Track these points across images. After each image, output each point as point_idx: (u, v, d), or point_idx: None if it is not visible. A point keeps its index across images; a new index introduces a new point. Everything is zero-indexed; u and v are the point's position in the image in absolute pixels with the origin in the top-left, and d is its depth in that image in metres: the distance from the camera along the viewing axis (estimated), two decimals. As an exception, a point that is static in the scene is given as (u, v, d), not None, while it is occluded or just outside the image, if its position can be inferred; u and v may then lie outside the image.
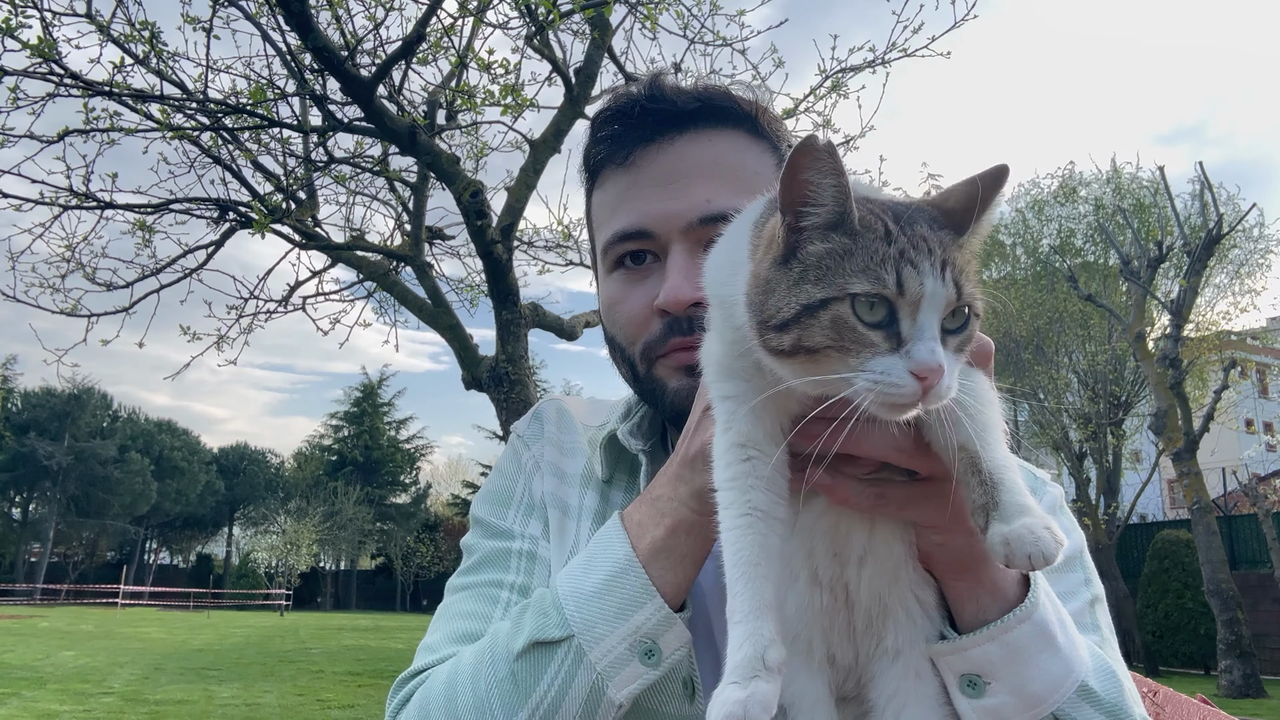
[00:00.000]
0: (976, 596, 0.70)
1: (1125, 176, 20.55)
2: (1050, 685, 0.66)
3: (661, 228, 0.93)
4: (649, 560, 0.77)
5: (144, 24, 5.14)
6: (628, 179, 0.96)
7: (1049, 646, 0.67)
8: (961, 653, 0.68)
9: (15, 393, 50.49)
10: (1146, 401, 16.74)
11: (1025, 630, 0.67)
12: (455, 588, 0.99)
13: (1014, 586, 0.71)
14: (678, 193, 0.92)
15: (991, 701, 0.66)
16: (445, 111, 5.93)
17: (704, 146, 0.94)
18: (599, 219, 1.01)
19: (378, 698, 11.13)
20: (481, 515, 1.04)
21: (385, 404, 57.77)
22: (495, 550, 0.99)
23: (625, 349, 0.98)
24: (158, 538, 59.83)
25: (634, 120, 0.96)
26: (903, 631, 0.72)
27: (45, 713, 9.22)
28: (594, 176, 1.02)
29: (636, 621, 0.75)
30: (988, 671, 0.67)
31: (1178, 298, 13.89)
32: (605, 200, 0.99)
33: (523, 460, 1.06)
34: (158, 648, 18.38)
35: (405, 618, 41.37)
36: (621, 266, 0.97)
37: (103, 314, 6.07)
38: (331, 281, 9.59)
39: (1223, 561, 12.93)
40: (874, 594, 0.72)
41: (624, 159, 0.96)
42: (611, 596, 0.76)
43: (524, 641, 0.77)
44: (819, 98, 6.10)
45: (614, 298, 0.98)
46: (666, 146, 0.94)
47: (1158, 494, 31.39)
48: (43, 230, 5.88)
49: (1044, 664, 0.67)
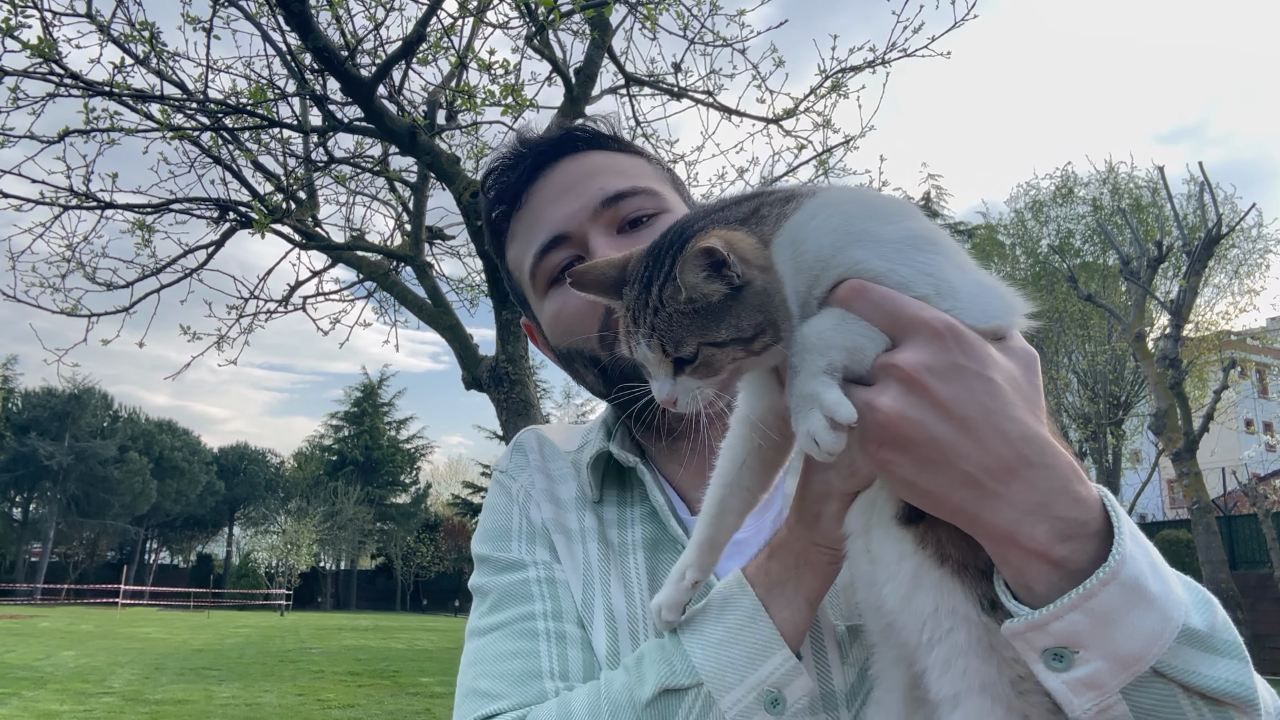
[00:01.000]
0: (1030, 566, 0.61)
1: (1122, 177, 20.58)
2: (1147, 641, 0.59)
3: (573, 224, 1.00)
4: (769, 599, 0.77)
5: (144, 24, 5.14)
6: (527, 214, 1.05)
7: (1141, 601, 0.59)
8: (1041, 628, 0.60)
9: (16, 393, 50.54)
10: (1146, 401, 16.75)
11: (1113, 591, 0.59)
12: (482, 630, 0.96)
13: (1084, 542, 0.61)
14: (574, 195, 1.02)
15: (1083, 671, 0.60)
16: (445, 111, 5.93)
17: (580, 162, 1.05)
18: (517, 262, 1.08)
19: (378, 697, 11.14)
20: (485, 553, 1.03)
21: (385, 404, 57.83)
22: (512, 584, 0.98)
23: (584, 349, 1.01)
24: (158, 538, 59.85)
25: (513, 166, 1.06)
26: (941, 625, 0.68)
27: (46, 712, 9.23)
28: (501, 238, 1.10)
29: (765, 672, 0.75)
30: (1075, 642, 0.60)
31: (1177, 298, 13.91)
32: (517, 243, 1.07)
33: (513, 492, 1.07)
34: (158, 648, 18.39)
35: (405, 617, 41.39)
36: (555, 282, 1.02)
37: (103, 314, 6.08)
38: (331, 281, 9.61)
39: (1222, 561, 12.95)
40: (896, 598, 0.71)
41: (518, 203, 1.05)
42: (739, 645, 0.76)
43: (652, 689, 0.76)
44: (819, 98, 6.11)
45: (559, 306, 1.02)
46: (549, 175, 1.05)
47: (1157, 494, 31.41)
48: (43, 230, 5.89)
49: (1137, 621, 0.59)
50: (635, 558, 0.97)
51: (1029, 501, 0.60)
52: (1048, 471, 0.61)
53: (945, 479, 0.62)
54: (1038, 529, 0.60)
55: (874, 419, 0.63)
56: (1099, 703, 0.60)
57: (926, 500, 0.64)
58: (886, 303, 0.65)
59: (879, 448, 0.64)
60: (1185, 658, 0.60)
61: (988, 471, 0.61)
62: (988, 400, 0.61)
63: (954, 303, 0.66)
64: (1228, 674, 0.61)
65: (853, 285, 0.66)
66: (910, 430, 0.62)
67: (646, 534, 0.98)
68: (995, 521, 0.61)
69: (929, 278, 0.67)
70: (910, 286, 0.67)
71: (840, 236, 0.70)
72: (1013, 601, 0.63)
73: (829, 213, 0.72)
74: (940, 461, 0.61)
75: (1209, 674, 0.60)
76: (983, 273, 0.72)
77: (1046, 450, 0.62)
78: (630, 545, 0.99)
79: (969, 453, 0.61)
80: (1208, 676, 0.60)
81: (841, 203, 0.73)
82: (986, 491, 0.61)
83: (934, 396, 0.61)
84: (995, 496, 0.61)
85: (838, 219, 0.71)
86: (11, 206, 5.60)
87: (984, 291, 0.69)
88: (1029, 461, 0.61)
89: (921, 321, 0.63)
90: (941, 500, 0.63)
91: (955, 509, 0.63)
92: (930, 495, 0.63)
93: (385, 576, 55.57)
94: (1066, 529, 0.61)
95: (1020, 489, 0.60)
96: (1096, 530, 0.62)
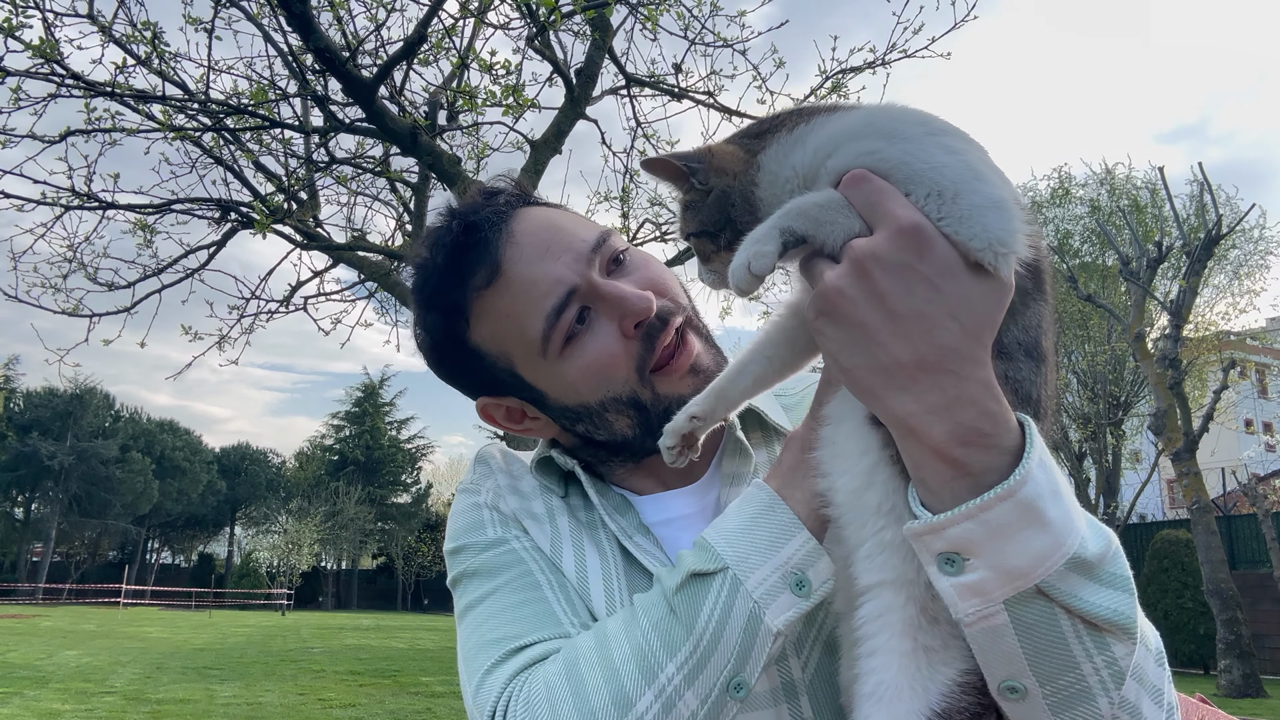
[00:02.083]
0: (927, 461, 0.66)
1: (1120, 178, 20.58)
2: (1034, 560, 0.63)
3: (578, 276, 0.95)
4: (784, 487, 0.81)
5: (146, 25, 5.15)
6: (510, 284, 0.96)
7: (1035, 522, 0.63)
8: (938, 532, 0.64)
9: (18, 393, 50.58)
10: (1146, 402, 16.75)
11: (1008, 507, 0.63)
12: (477, 600, 0.94)
13: (984, 453, 0.64)
14: (558, 250, 0.96)
15: (971, 578, 0.64)
16: (446, 112, 5.94)
17: (531, 217, 1.00)
18: (505, 334, 0.98)
19: (379, 697, 11.15)
20: (461, 543, 1.00)
21: (386, 404, 57.81)
22: (498, 554, 0.97)
23: (622, 394, 0.97)
24: (159, 537, 59.87)
25: (468, 240, 0.97)
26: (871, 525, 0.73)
27: (47, 712, 9.24)
28: (462, 314, 0.99)
29: (787, 553, 0.77)
30: (966, 549, 0.64)
31: (1177, 298, 13.90)
32: (499, 318, 0.98)
33: (481, 495, 1.06)
34: (159, 647, 18.40)
35: (406, 617, 41.41)
36: (570, 341, 0.96)
37: (104, 314, 6.09)
38: (333, 281, 9.63)
39: (1222, 561, 12.93)
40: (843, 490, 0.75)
41: (490, 274, 0.96)
42: (760, 531, 0.79)
43: (681, 576, 0.78)
44: (819, 98, 6.11)
45: (586, 363, 0.96)
46: (513, 232, 0.98)
47: (1157, 494, 31.40)
48: (45, 230, 5.90)
49: (1028, 539, 0.63)
50: (605, 532, 0.99)
51: (933, 402, 0.65)
52: (960, 380, 0.65)
53: (863, 361, 0.67)
54: (937, 428, 0.65)
55: (818, 289, 0.69)
56: (981, 610, 0.64)
57: (846, 377, 0.70)
58: (873, 194, 0.68)
59: (816, 315, 0.70)
60: (1070, 582, 0.64)
61: (899, 366, 0.65)
62: (924, 305, 0.65)
63: (952, 209, 0.67)
64: (1109, 602, 0.64)
65: (855, 174, 0.69)
66: (843, 307, 0.67)
67: (614, 525, 0.99)
68: (897, 410, 0.66)
69: (937, 178, 0.68)
70: (915, 181, 0.68)
71: (864, 128, 0.72)
72: (917, 505, 0.67)
73: (861, 112, 0.75)
74: (862, 343, 0.67)
75: (1091, 600, 0.64)
76: (1003, 189, 0.69)
77: (966, 363, 0.65)
78: (598, 521, 1.00)
79: (888, 344, 0.66)
80: (1089, 602, 0.64)
81: (882, 109, 0.75)
82: (895, 383, 0.66)
83: (874, 284, 0.66)
84: (902, 390, 0.66)
85: (868, 116, 0.74)
86: (13, 207, 5.62)
87: (990, 210, 0.67)
88: (944, 369, 0.65)
89: (892, 217, 0.66)
90: (857, 380, 0.69)
91: (866, 390, 0.68)
92: (848, 373, 0.69)
93: (386, 576, 55.58)
94: (966, 435, 0.64)
95: (927, 388, 0.65)
96: (1004, 447, 0.65)
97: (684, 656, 0.75)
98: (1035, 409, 0.73)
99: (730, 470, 1.01)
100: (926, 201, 0.67)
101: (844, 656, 0.81)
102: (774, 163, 0.77)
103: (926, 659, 0.70)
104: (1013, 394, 0.70)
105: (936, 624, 0.70)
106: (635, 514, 1.00)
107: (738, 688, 0.75)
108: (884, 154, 0.69)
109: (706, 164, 0.80)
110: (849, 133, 0.72)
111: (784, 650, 0.85)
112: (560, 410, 1.01)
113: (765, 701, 0.86)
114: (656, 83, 6.16)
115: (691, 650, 0.75)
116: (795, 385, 1.15)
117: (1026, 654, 0.64)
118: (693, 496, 1.02)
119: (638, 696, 0.75)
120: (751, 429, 1.07)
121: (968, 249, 0.66)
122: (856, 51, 6.01)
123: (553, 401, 1.01)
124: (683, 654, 0.75)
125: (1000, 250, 0.66)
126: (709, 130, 6.43)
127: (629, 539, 0.96)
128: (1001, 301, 0.67)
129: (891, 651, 0.71)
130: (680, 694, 0.74)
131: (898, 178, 0.68)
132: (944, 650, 0.70)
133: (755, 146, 0.78)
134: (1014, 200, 0.69)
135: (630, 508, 1.01)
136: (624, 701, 0.75)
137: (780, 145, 0.77)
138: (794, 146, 0.76)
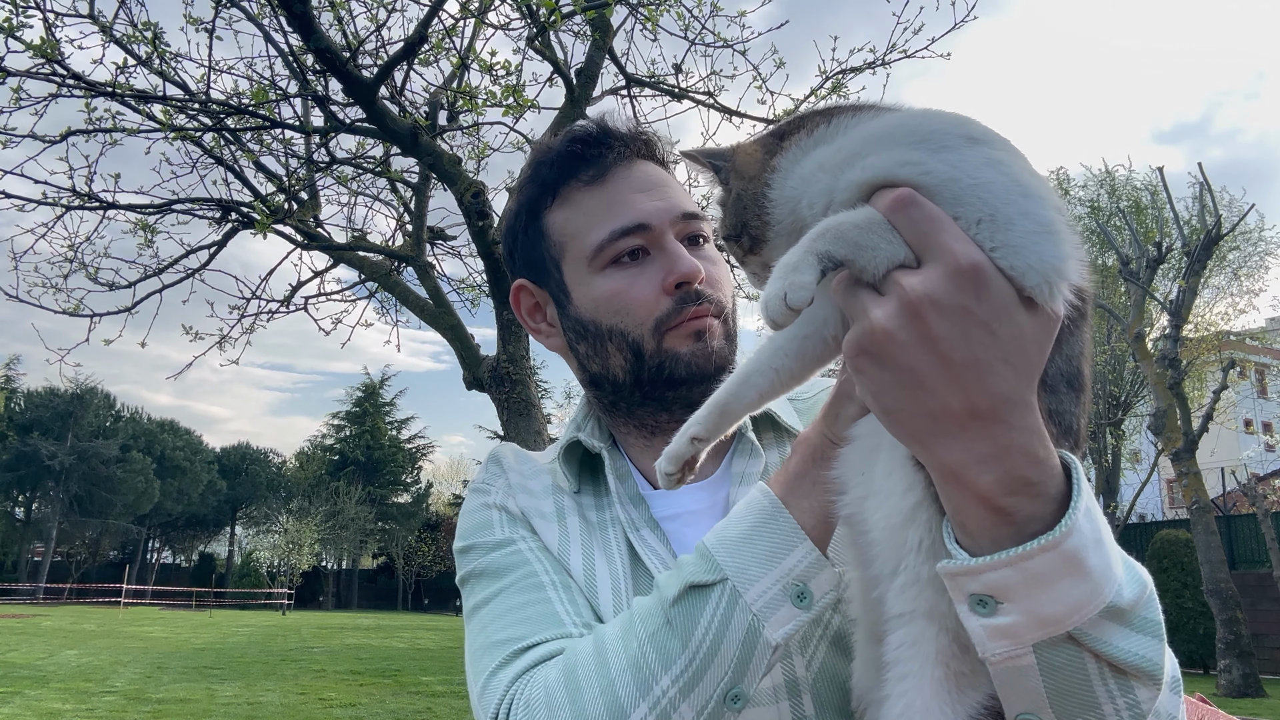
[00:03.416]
0: (970, 508, 0.63)
1: (1119, 179, 20.57)
2: (1070, 609, 0.61)
3: (656, 220, 1.02)
4: (788, 495, 0.79)
5: (146, 25, 5.16)
6: (607, 193, 1.05)
7: (1075, 572, 0.61)
8: (974, 575, 0.62)
9: (18, 392, 50.62)
10: (1146, 401, 16.76)
11: (1051, 558, 0.60)
12: (484, 601, 0.95)
13: (1031, 500, 0.62)
14: (658, 196, 1.05)
15: (1003, 621, 0.62)
16: (447, 112, 5.95)
17: (656, 170, 1.09)
18: (574, 228, 1.06)
19: (379, 696, 11.15)
20: (470, 543, 1.03)
21: (387, 404, 57.86)
22: (504, 555, 0.98)
23: (630, 333, 1.02)
24: (160, 537, 59.88)
25: (603, 144, 1.06)
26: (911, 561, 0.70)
27: (48, 711, 9.25)
28: (553, 193, 1.08)
29: (788, 564, 0.76)
30: (1001, 594, 0.62)
31: (1177, 298, 13.90)
32: (578, 212, 1.06)
33: (490, 495, 1.08)
34: (160, 647, 18.41)
35: (407, 617, 41.41)
36: (616, 263, 1.03)
37: (105, 314, 6.09)
38: (333, 281, 9.64)
39: (1222, 561, 12.93)
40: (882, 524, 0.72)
41: (595, 176, 1.05)
42: (761, 540, 0.78)
43: (677, 588, 0.78)
44: (819, 99, 6.11)
45: (618, 288, 1.02)
46: (633, 164, 1.07)
47: (1157, 494, 31.40)
48: (45, 230, 5.89)
49: (1067, 589, 0.61)
50: (614, 531, 1.00)
51: (983, 451, 0.61)
52: (1009, 429, 0.61)
53: (910, 405, 0.62)
54: (984, 477, 0.61)
55: (863, 325, 0.63)
56: (1010, 651, 0.62)
57: (887, 418, 0.65)
58: (924, 223, 0.61)
59: (858, 353, 0.64)
60: (1102, 629, 0.62)
61: (950, 414, 0.61)
62: (980, 350, 0.60)
63: (1006, 237, 0.61)
64: (1138, 648, 0.63)
65: (902, 196, 0.62)
66: (892, 350, 0.61)
67: (624, 516, 1.01)
68: (944, 459, 0.62)
69: (988, 199, 0.62)
70: (963, 202, 0.62)
71: (898, 131, 0.66)
72: (953, 544, 0.65)
73: (892, 116, 0.68)
74: (910, 388, 0.62)
75: (1120, 645, 0.62)
76: (1056, 210, 0.64)
77: (1017, 410, 0.61)
78: (609, 521, 1.02)
79: (939, 391, 0.61)
80: (1118, 648, 0.62)
81: (915, 111, 0.69)
82: (943, 430, 0.62)
83: (927, 329, 0.60)
84: (950, 438, 0.61)
85: (900, 118, 0.67)
86: (14, 207, 5.61)
87: (1043, 236, 0.61)
88: (996, 418, 0.61)
89: (949, 253, 0.60)
90: (899, 422, 0.64)
91: (911, 434, 0.64)
92: (890, 414, 0.64)
93: (387, 576, 55.61)
94: (1015, 484, 0.61)
95: (977, 437, 0.61)
96: (1051, 494, 0.63)
97: (679, 669, 0.75)
98: (1074, 440, 0.70)
99: (740, 470, 1.02)
100: (978, 229, 0.61)
101: (864, 668, 0.81)
102: (790, 166, 0.71)
103: (957, 684, 0.70)
104: (1055, 427, 0.67)
105: (968, 651, 0.68)
106: (647, 507, 1.02)
107: (735, 699, 0.75)
108: (927, 167, 0.63)
109: (730, 164, 0.76)
110: (880, 137, 0.66)
111: (787, 649, 0.84)
112: (574, 321, 1.07)
113: (767, 698, 0.86)
114: (657, 83, 6.16)
115: (687, 663, 0.75)
116: (810, 390, 1.16)
117: (1049, 693, 0.63)
118: (703, 492, 1.03)
119: (632, 708, 0.75)
120: (764, 429, 1.09)
121: (1021, 284, 0.60)
122: (856, 52, 6.00)
123: (572, 309, 1.06)
124: (678, 667, 0.75)
125: (1055, 281, 0.61)
126: (709, 131, 6.45)
127: (635, 531, 0.98)
128: (1051, 335, 0.63)
129: (924, 678, 0.69)
130: (675, 706, 0.74)
131: (943, 197, 0.62)
132: (974, 675, 0.69)
133: (776, 148, 0.73)
134: (1062, 218, 0.64)
135: (643, 501, 1.03)
136: (619, 713, 0.75)
137: (799, 147, 0.71)
138: (813, 149, 0.70)
